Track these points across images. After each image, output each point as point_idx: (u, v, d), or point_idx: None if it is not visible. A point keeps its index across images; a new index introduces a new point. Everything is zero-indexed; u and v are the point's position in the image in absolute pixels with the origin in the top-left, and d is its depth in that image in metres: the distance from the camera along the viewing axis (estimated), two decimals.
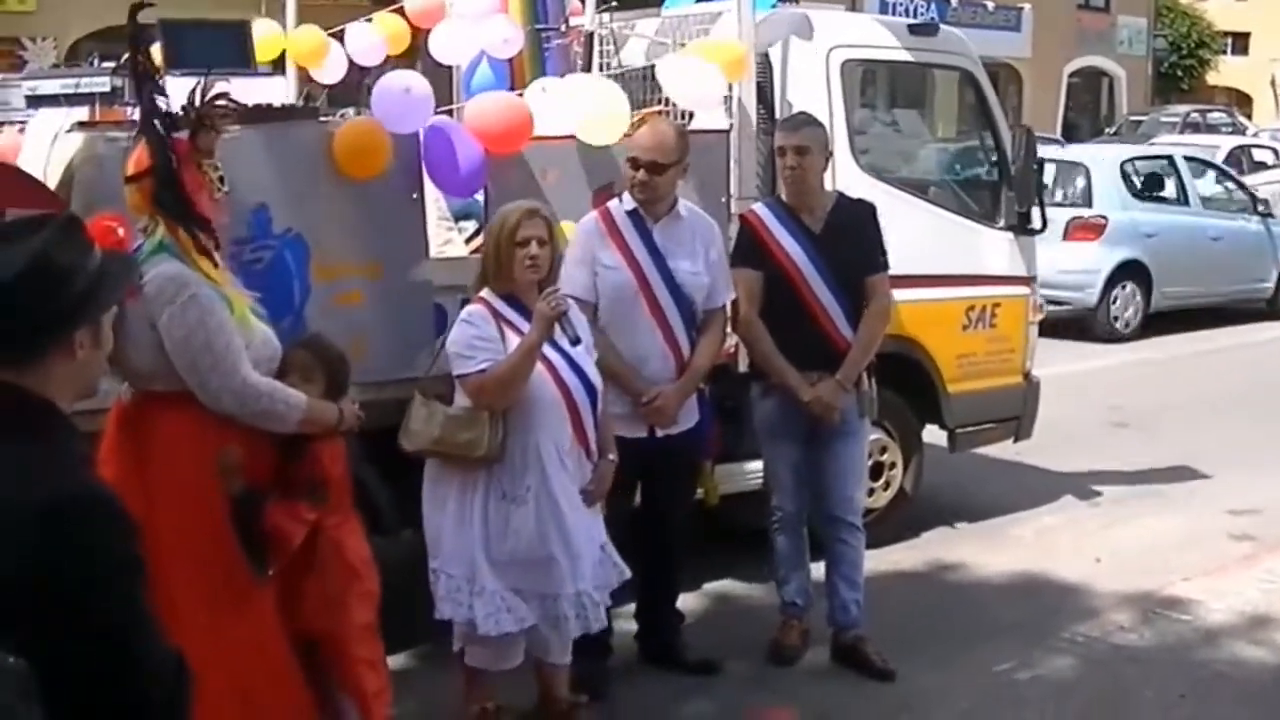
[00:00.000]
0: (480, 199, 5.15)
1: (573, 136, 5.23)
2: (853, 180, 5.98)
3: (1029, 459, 7.82)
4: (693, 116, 5.79)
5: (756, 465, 5.61)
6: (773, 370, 5.08)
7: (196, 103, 3.60)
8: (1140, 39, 38.93)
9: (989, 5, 32.09)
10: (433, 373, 4.45)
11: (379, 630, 3.89)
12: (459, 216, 5.47)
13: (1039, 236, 6.95)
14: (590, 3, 6.47)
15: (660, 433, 4.82)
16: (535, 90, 5.65)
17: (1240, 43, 45.94)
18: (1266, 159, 21.47)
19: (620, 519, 4.66)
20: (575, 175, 5.27)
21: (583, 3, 6.57)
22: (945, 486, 7.17)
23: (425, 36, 6.70)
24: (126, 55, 3.79)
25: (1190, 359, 12.25)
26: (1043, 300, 7.36)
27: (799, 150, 5.02)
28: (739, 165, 5.66)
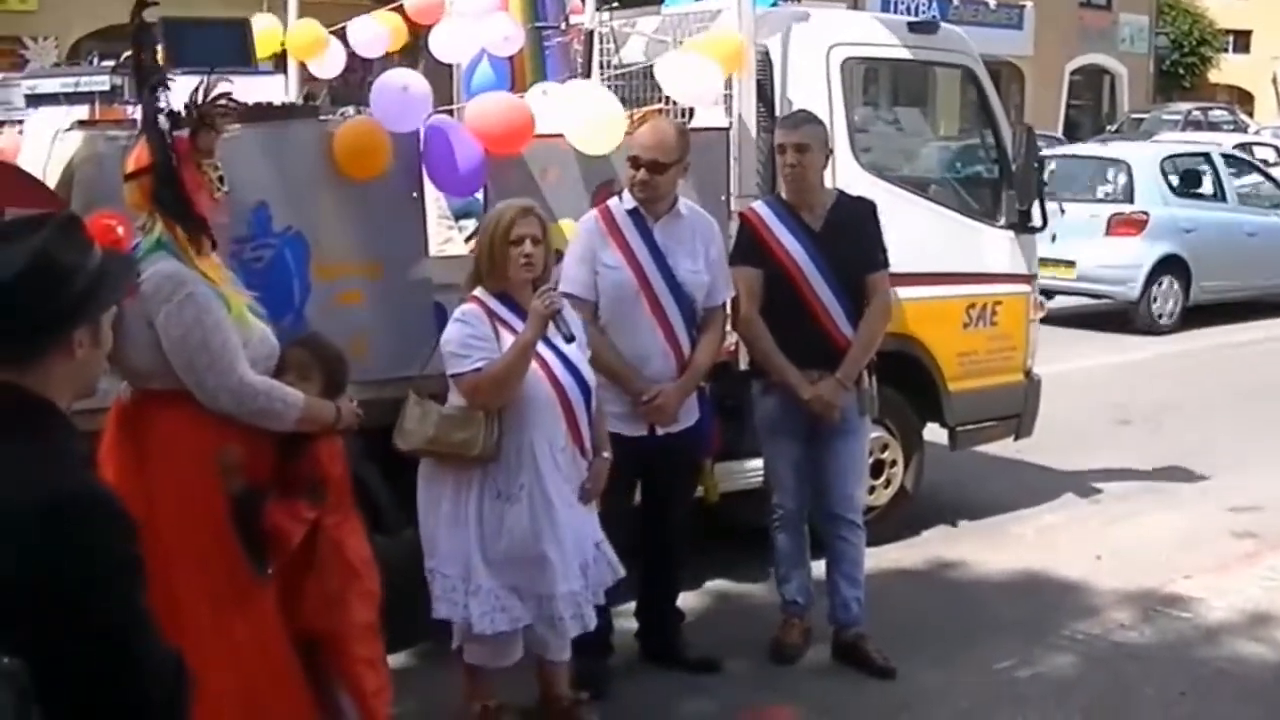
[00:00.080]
0: (480, 198, 5.15)
1: None
2: (853, 178, 5.98)
3: (1030, 456, 7.81)
4: (693, 114, 5.79)
5: (757, 463, 5.60)
6: (773, 368, 5.08)
7: (199, 101, 3.60)
8: (1142, 37, 38.90)
9: (990, 3, 32.02)
10: (427, 372, 4.44)
11: (380, 629, 3.89)
12: (459, 215, 5.47)
13: (1079, 231, 6.92)
14: (590, 1, 6.46)
15: (660, 431, 4.82)
16: (536, 94, 5.64)
17: (1242, 40, 45.91)
18: (1268, 156, 21.48)
19: (619, 518, 4.65)
20: (575, 174, 5.27)
21: (583, 1, 6.57)
22: (946, 484, 7.17)
23: (426, 35, 6.70)
24: (127, 54, 3.78)
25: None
26: (1043, 299, 7.35)
27: (799, 148, 5.01)
28: (739, 163, 5.66)
